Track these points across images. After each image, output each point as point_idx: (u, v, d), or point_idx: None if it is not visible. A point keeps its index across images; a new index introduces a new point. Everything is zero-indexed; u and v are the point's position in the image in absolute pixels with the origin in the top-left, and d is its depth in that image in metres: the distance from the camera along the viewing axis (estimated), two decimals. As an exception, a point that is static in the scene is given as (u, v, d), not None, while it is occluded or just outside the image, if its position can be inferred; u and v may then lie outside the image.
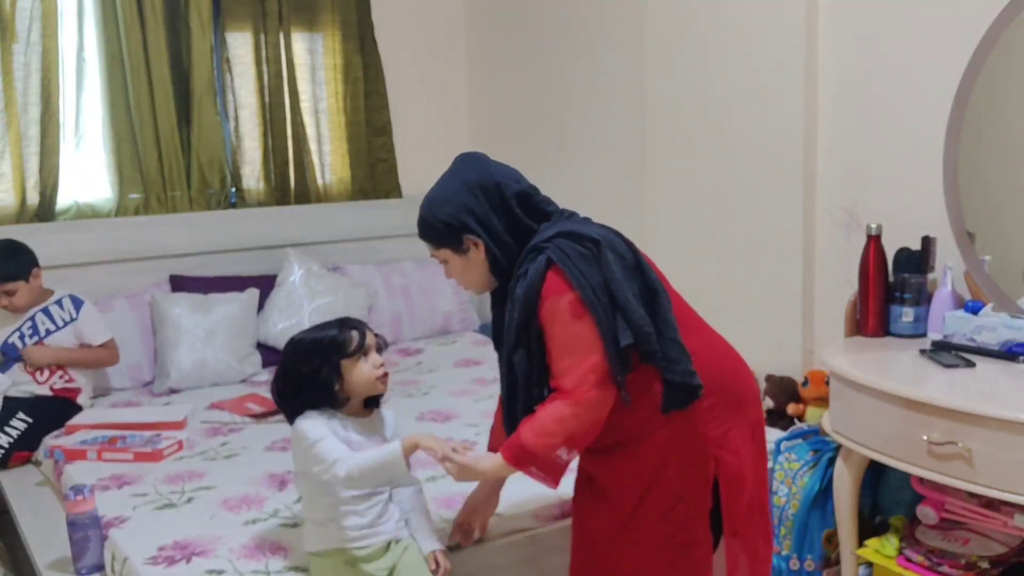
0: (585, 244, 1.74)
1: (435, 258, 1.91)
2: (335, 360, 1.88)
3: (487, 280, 1.88)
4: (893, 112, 2.65)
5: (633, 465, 1.80)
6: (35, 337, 3.09)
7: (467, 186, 1.81)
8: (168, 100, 3.75)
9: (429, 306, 4.10)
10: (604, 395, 1.71)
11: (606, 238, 1.77)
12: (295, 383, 1.91)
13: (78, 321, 3.16)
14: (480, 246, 1.82)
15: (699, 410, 1.79)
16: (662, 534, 1.80)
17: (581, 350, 1.70)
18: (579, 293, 1.69)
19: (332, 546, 1.88)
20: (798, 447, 2.51)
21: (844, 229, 2.79)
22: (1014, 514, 2.00)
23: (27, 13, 3.47)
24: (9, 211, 3.55)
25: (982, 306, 2.32)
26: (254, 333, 3.65)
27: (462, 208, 1.80)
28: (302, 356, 1.91)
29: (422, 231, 1.89)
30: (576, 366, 1.69)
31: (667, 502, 1.80)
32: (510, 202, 1.81)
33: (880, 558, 2.25)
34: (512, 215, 1.81)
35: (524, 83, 4.10)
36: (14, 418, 2.91)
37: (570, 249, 1.72)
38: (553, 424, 1.71)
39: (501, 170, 1.86)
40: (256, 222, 3.94)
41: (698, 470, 1.81)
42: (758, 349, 2.92)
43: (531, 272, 1.73)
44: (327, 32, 4.13)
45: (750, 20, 2.97)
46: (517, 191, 1.82)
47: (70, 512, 2.14)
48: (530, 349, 1.75)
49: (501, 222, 1.81)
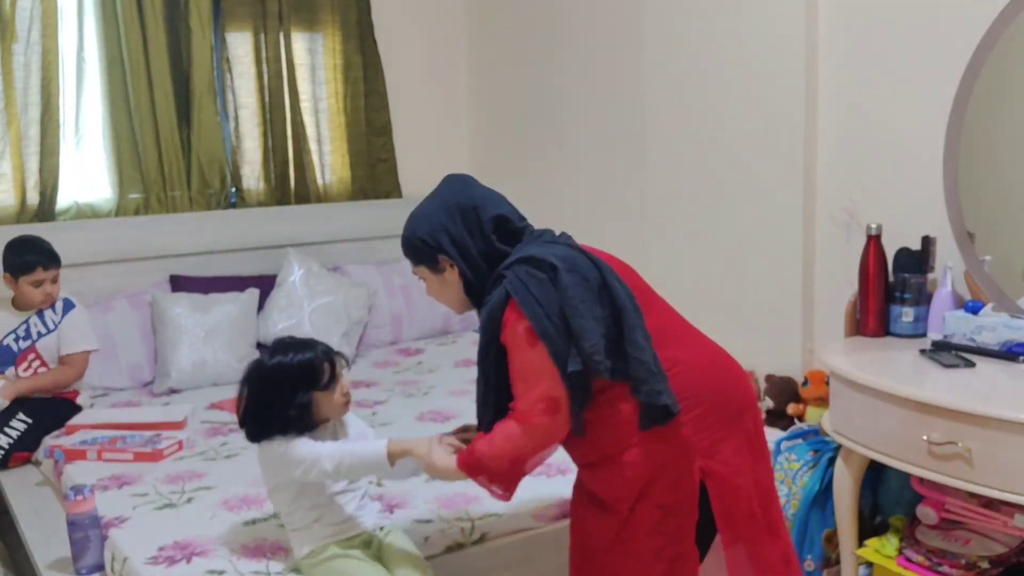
0: (544, 269, 1.75)
1: (415, 275, 1.94)
2: (307, 392, 1.91)
3: (462, 301, 1.90)
4: (893, 112, 2.65)
5: (622, 476, 1.79)
6: (27, 340, 3.06)
7: (446, 207, 1.84)
8: (168, 100, 3.75)
9: (429, 306, 4.09)
10: (553, 421, 1.74)
11: (568, 260, 1.77)
12: (265, 410, 1.92)
13: (59, 328, 3.10)
14: (454, 268, 1.84)
15: (685, 421, 1.77)
16: (654, 547, 1.79)
17: (532, 377, 1.73)
18: (531, 323, 1.71)
19: (318, 544, 1.92)
20: (798, 447, 2.52)
21: (844, 229, 2.79)
22: (1014, 514, 2.00)
23: (27, 13, 3.47)
24: (9, 211, 3.55)
25: (982, 306, 2.32)
26: (254, 333, 3.65)
27: (439, 228, 1.83)
28: (271, 385, 1.92)
29: (403, 247, 1.91)
30: (527, 392, 1.73)
31: (657, 514, 1.79)
32: (486, 226, 1.83)
33: (880, 558, 2.25)
34: (487, 240, 1.83)
35: (524, 83, 4.10)
36: (14, 419, 2.91)
37: (527, 276, 1.74)
38: (501, 441, 1.76)
39: (483, 194, 1.88)
40: (256, 222, 3.94)
41: (686, 481, 1.79)
42: (758, 349, 2.93)
43: (493, 299, 1.76)
44: (327, 32, 4.14)
45: (750, 20, 2.97)
46: (495, 215, 1.84)
47: (70, 512, 2.14)
48: (487, 374, 1.80)
49: (476, 246, 1.83)
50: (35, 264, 3.00)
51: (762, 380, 2.96)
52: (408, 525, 2.13)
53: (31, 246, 3.04)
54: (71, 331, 3.11)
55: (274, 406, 1.91)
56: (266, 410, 1.92)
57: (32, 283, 3.00)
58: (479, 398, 1.86)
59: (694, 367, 1.81)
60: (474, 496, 2.25)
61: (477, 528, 2.14)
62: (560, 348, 1.72)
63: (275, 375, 1.92)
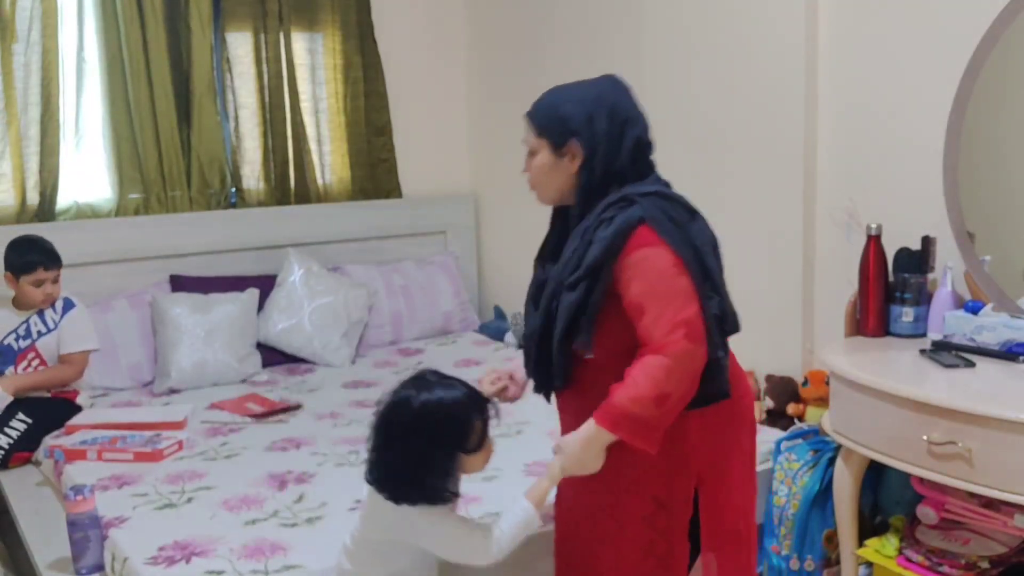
0: (679, 211, 1.72)
1: (525, 144, 1.82)
2: (455, 452, 1.67)
3: (562, 193, 1.80)
4: (893, 112, 2.65)
5: (621, 457, 1.70)
6: (28, 340, 3.06)
7: (602, 101, 1.76)
8: (168, 100, 3.75)
9: (429, 306, 4.10)
10: (697, 349, 1.63)
11: (700, 215, 1.79)
12: (418, 469, 1.65)
13: (59, 328, 3.10)
14: (577, 160, 1.75)
15: (694, 423, 1.75)
16: (644, 541, 1.77)
17: (675, 302, 1.63)
18: (674, 250, 1.65)
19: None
20: (798, 447, 2.51)
21: (844, 229, 2.79)
22: (1014, 514, 2.00)
23: (27, 13, 3.47)
24: (9, 211, 3.55)
25: (982, 306, 2.32)
26: (254, 333, 3.66)
27: (586, 116, 1.74)
28: (435, 428, 1.65)
29: (536, 113, 1.81)
30: (661, 318, 1.62)
31: (650, 507, 1.76)
32: (627, 141, 1.75)
33: (880, 558, 2.25)
34: (621, 155, 1.74)
35: (524, 83, 4.09)
36: (14, 419, 2.91)
37: (668, 209, 1.71)
38: (643, 380, 1.61)
39: (637, 112, 1.80)
40: (256, 222, 3.94)
41: (682, 480, 1.78)
42: (758, 349, 2.92)
43: (620, 220, 1.67)
44: (327, 32, 4.13)
45: (750, 20, 2.97)
46: (639, 137, 1.77)
47: (70, 512, 2.14)
48: (591, 292, 1.68)
49: (608, 153, 1.74)
50: (36, 264, 3.00)
51: (762, 380, 2.96)
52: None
53: (33, 246, 3.04)
54: (71, 330, 3.12)
55: (425, 453, 1.65)
56: (416, 456, 1.65)
57: (33, 283, 3.01)
58: (565, 318, 1.70)
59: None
60: (474, 496, 2.25)
61: (477, 528, 2.13)
62: (699, 286, 1.66)
63: (435, 411, 1.66)
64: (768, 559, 2.49)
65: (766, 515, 2.50)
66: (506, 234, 4.38)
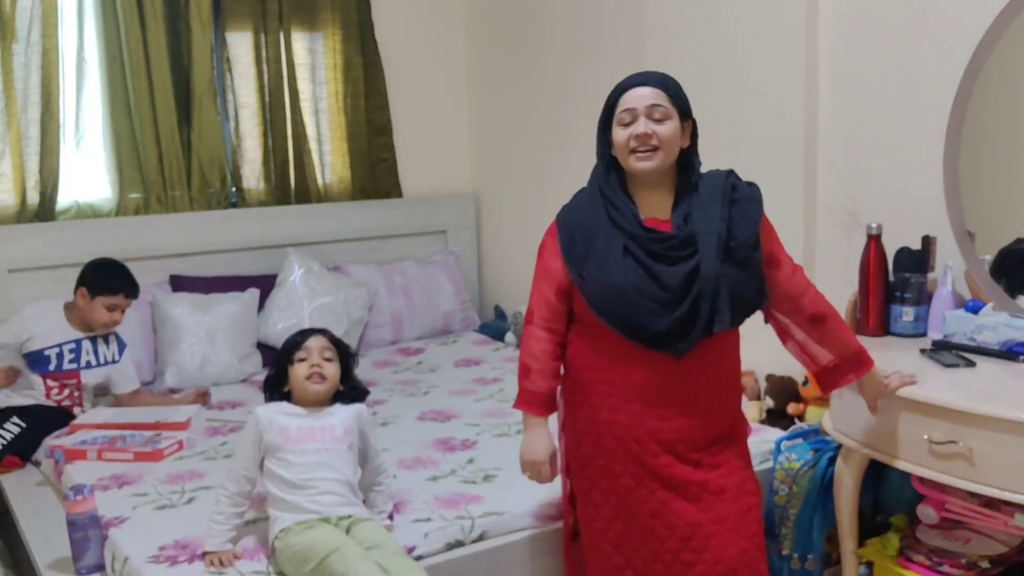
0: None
1: (658, 106, 1.97)
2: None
3: (670, 165, 2.00)
4: (893, 112, 2.65)
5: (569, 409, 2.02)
6: (74, 364, 3.05)
7: None
8: (168, 100, 3.75)
9: (429, 306, 4.10)
10: None
11: None
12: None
13: (118, 364, 3.15)
14: (685, 137, 2.00)
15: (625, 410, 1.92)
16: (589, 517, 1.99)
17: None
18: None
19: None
20: (798, 447, 2.51)
21: (844, 228, 2.79)
22: (1015, 513, 2.00)
23: (27, 13, 3.47)
24: (9, 211, 3.55)
25: (982, 305, 2.32)
26: (254, 333, 3.66)
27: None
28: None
29: (670, 86, 2.01)
30: (798, 270, 2.06)
31: (583, 482, 1.99)
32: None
33: (881, 557, 2.25)
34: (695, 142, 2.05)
35: (524, 83, 4.10)
36: (8, 422, 2.87)
37: None
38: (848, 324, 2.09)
39: None
40: (256, 222, 3.94)
41: (597, 474, 1.96)
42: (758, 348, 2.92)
43: (752, 189, 2.02)
44: (327, 32, 4.14)
45: (750, 20, 2.97)
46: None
47: (70, 512, 2.14)
48: (755, 263, 1.95)
49: (694, 136, 2.06)
50: (119, 290, 3.05)
51: (762, 380, 2.96)
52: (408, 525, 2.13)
53: (118, 272, 3.09)
54: (127, 369, 3.19)
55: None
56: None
57: (108, 306, 3.03)
58: (753, 276, 1.94)
59: None
60: (474, 496, 2.26)
61: (477, 527, 2.14)
62: None
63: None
64: (769, 558, 2.49)
65: (767, 515, 2.50)
66: (506, 234, 4.38)
